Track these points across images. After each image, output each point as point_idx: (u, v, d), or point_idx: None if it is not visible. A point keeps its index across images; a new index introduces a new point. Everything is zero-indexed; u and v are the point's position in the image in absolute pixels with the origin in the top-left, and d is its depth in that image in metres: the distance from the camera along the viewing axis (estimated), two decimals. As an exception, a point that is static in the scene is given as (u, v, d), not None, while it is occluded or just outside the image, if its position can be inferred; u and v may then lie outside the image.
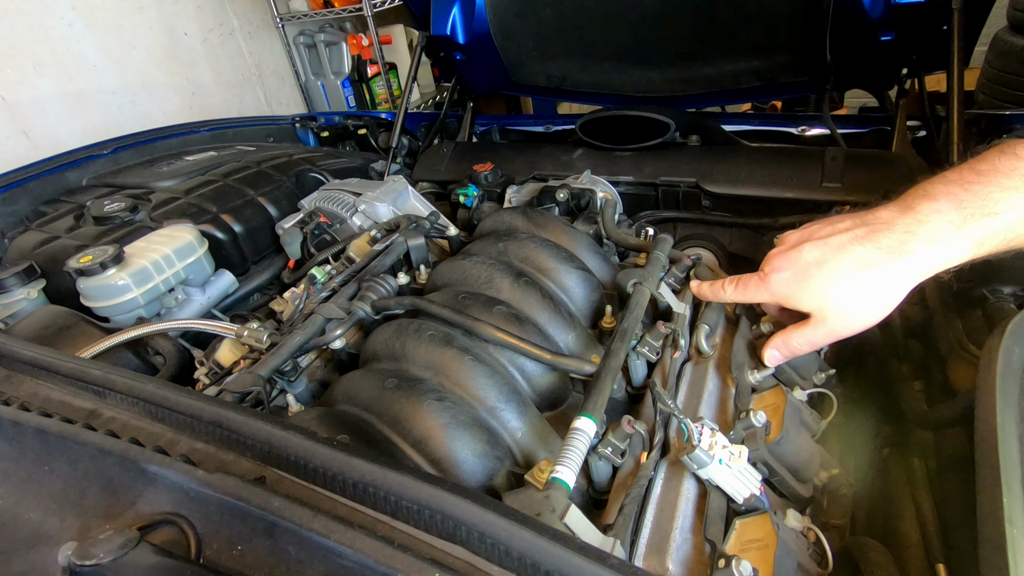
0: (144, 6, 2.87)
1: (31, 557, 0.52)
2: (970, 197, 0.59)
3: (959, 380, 0.80)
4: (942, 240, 0.60)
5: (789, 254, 0.70)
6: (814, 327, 0.69)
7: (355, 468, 0.51)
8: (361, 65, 3.68)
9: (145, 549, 0.47)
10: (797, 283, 0.68)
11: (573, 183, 1.33)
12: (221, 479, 0.51)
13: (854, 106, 3.35)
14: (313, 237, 1.31)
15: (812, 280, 0.67)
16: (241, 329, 0.92)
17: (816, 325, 0.69)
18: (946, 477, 0.70)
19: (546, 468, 0.61)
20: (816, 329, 0.69)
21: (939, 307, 0.91)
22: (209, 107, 3.24)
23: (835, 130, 1.49)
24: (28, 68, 2.45)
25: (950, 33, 1.23)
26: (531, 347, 0.80)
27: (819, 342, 0.71)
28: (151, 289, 1.12)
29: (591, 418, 0.65)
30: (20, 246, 1.29)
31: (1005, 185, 0.57)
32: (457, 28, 1.64)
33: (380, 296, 0.99)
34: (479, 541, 0.45)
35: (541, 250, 1.01)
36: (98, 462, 0.57)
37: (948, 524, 0.65)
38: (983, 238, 0.59)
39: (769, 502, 0.64)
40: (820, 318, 0.68)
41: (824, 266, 0.66)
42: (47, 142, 2.48)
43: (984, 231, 0.58)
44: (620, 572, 0.42)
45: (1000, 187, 0.58)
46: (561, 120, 1.93)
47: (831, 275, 0.65)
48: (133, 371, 0.81)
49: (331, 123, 2.14)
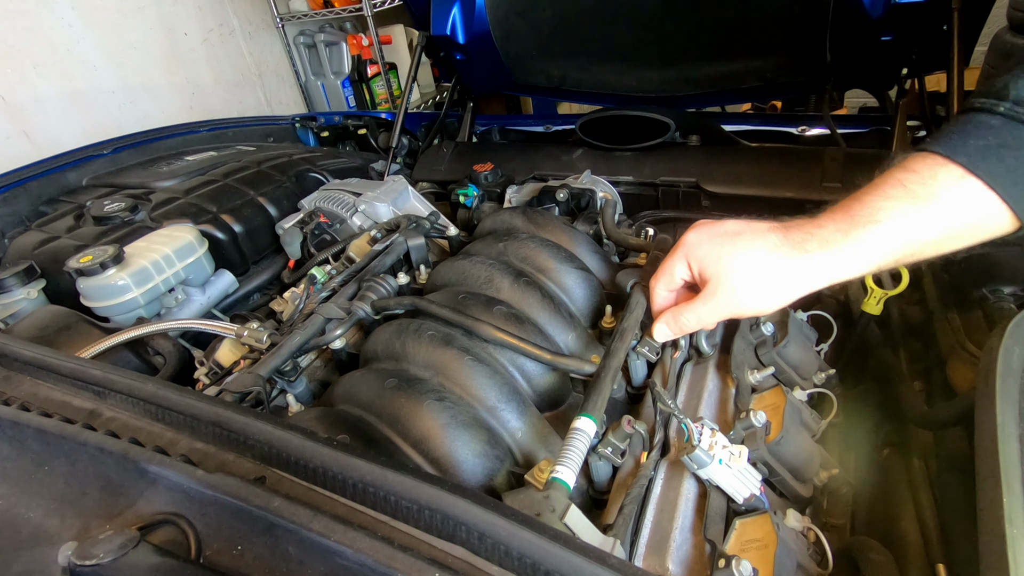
0: (144, 6, 2.87)
1: (31, 557, 0.52)
2: (858, 206, 0.63)
3: (959, 380, 0.80)
4: (832, 244, 0.63)
5: (712, 223, 0.73)
6: (704, 301, 0.71)
7: (355, 468, 0.51)
8: (361, 65, 3.67)
9: (145, 549, 0.47)
10: (710, 246, 0.70)
11: (573, 183, 1.33)
12: (221, 479, 0.51)
13: (854, 106, 3.34)
14: (313, 237, 1.31)
15: (723, 247, 0.69)
16: (241, 329, 0.92)
17: (707, 298, 0.71)
18: (946, 477, 0.70)
19: (546, 468, 0.61)
20: (706, 303, 0.71)
21: (939, 307, 0.91)
22: (209, 107, 3.24)
23: (835, 130, 1.49)
24: (28, 68, 2.45)
25: (950, 33, 1.23)
26: (531, 347, 0.80)
27: (707, 319, 0.72)
28: (151, 289, 1.12)
29: (591, 418, 0.65)
30: (20, 246, 1.29)
31: (888, 195, 0.61)
32: (457, 28, 1.64)
33: (380, 296, 0.99)
34: (479, 541, 0.45)
35: (541, 250, 1.01)
36: (98, 462, 0.57)
37: (948, 524, 0.65)
38: (870, 246, 0.62)
39: (769, 502, 0.64)
40: (713, 290, 0.70)
41: (738, 238, 0.68)
42: (47, 142, 2.47)
43: (869, 239, 0.61)
44: (620, 572, 0.42)
45: (884, 196, 0.61)
46: (561, 120, 1.94)
47: (741, 247, 0.68)
48: (133, 371, 0.81)
49: (331, 123, 2.14)
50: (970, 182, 0.58)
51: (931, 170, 0.60)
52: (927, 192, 0.59)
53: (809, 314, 1.05)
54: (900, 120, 1.41)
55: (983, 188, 0.57)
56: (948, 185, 0.59)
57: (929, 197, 0.59)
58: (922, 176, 0.60)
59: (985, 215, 0.59)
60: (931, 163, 0.60)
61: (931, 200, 0.59)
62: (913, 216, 0.60)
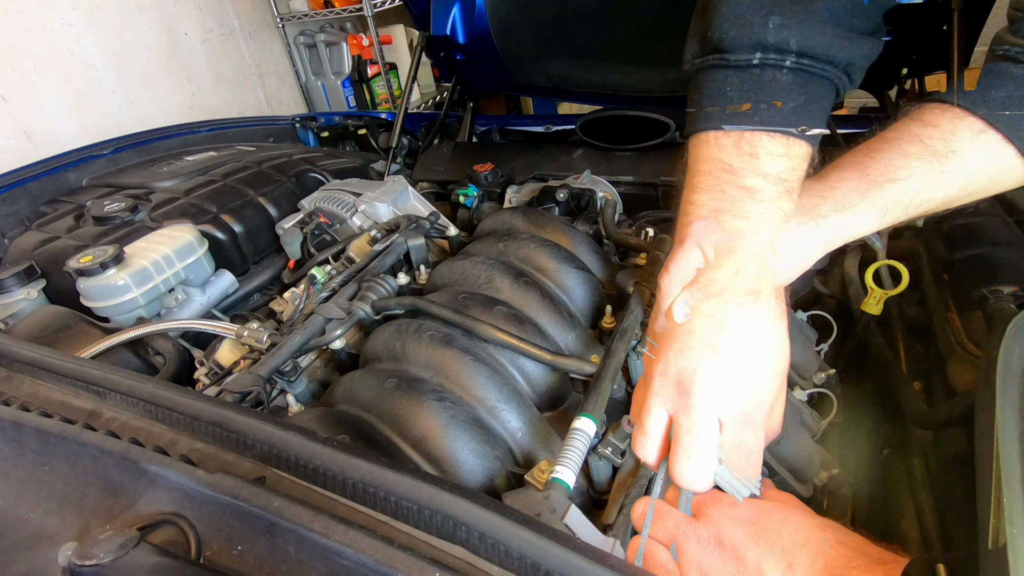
0: (144, 6, 2.87)
1: (31, 557, 0.52)
2: (874, 164, 0.60)
3: (959, 380, 0.80)
4: (848, 206, 0.60)
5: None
6: None
7: (355, 468, 0.51)
8: (361, 65, 3.67)
9: (145, 549, 0.47)
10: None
11: (573, 183, 1.33)
12: (221, 479, 0.51)
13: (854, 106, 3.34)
14: (313, 237, 1.31)
15: None
16: (241, 329, 0.92)
17: None
18: (946, 477, 0.70)
19: (546, 468, 0.61)
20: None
21: (939, 307, 0.91)
22: (209, 107, 3.24)
23: (835, 130, 1.48)
24: (28, 68, 2.44)
25: (950, 33, 1.23)
26: (531, 347, 0.80)
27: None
28: (151, 289, 1.12)
29: (591, 418, 0.65)
30: (20, 246, 1.29)
31: (907, 152, 0.58)
32: (457, 28, 1.64)
33: (380, 296, 0.99)
34: (479, 541, 0.45)
35: (541, 250, 1.01)
36: (98, 462, 0.57)
37: (948, 524, 0.65)
38: (886, 205, 0.59)
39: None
40: None
41: None
42: (47, 142, 2.47)
43: (887, 198, 0.59)
44: (620, 572, 0.42)
45: (902, 153, 0.59)
46: (561, 120, 1.93)
47: None
48: (133, 371, 0.81)
49: (331, 123, 2.13)
50: (990, 135, 0.56)
51: (951, 123, 0.58)
52: (946, 148, 0.57)
53: (809, 314, 1.05)
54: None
55: (1002, 142, 0.56)
56: (967, 140, 0.57)
57: (949, 154, 0.57)
58: (941, 131, 0.58)
59: (1003, 170, 0.57)
60: (950, 116, 0.58)
61: (951, 157, 0.57)
62: (932, 174, 0.57)
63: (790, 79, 0.56)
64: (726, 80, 0.58)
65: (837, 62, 0.57)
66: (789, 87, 0.56)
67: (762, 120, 0.56)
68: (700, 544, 0.53)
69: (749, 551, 0.51)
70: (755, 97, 0.57)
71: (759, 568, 0.50)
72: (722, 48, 0.58)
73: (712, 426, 0.57)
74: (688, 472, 0.58)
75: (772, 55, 0.56)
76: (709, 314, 0.58)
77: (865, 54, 0.58)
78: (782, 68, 0.56)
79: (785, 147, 0.57)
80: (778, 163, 0.57)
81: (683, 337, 0.59)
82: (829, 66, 0.57)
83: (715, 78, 0.59)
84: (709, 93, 0.59)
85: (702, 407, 0.57)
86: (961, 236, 0.99)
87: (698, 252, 0.60)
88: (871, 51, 0.58)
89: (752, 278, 0.57)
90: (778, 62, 0.56)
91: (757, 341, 0.58)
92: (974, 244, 0.95)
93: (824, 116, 0.58)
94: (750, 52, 0.56)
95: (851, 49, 0.56)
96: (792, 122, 0.56)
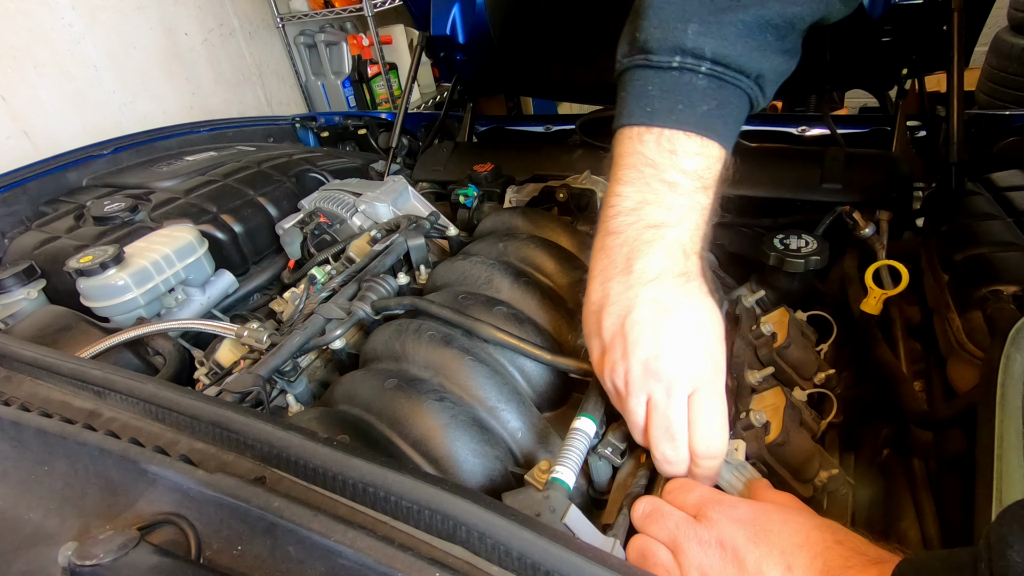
0: (144, 6, 2.87)
1: (31, 557, 0.52)
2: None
3: (959, 380, 0.80)
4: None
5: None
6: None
7: (355, 468, 0.51)
8: (361, 65, 3.67)
9: (145, 549, 0.47)
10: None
11: (573, 183, 1.33)
12: (221, 479, 0.51)
13: (854, 106, 3.35)
14: (313, 237, 1.31)
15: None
16: (241, 329, 0.92)
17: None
18: (946, 477, 0.70)
19: (546, 468, 0.61)
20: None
21: (939, 307, 0.91)
22: (209, 107, 3.24)
23: (835, 130, 1.49)
24: (28, 68, 2.45)
25: (950, 33, 1.23)
26: (531, 347, 0.80)
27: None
28: (151, 289, 1.12)
29: (591, 418, 0.65)
30: (20, 246, 1.29)
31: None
32: (457, 28, 1.64)
33: (380, 296, 0.99)
34: (479, 541, 0.45)
35: (541, 250, 1.01)
36: (98, 462, 0.57)
37: (948, 524, 0.65)
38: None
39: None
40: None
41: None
42: (47, 142, 2.48)
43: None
44: (620, 572, 0.42)
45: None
46: (561, 120, 1.93)
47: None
48: (133, 371, 0.81)
49: (331, 123, 2.13)
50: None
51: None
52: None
53: (809, 314, 1.05)
54: (900, 120, 1.41)
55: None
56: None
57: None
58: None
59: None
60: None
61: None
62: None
63: (705, 84, 0.61)
64: (649, 80, 0.63)
65: (748, 72, 0.61)
66: (704, 91, 0.61)
67: (678, 120, 0.61)
68: (701, 545, 0.53)
69: (750, 553, 0.51)
70: (673, 98, 0.61)
71: (759, 570, 0.50)
72: (647, 49, 0.62)
73: (684, 402, 0.60)
74: (669, 451, 0.61)
75: (690, 60, 0.60)
76: (651, 299, 0.60)
77: (775, 68, 0.63)
78: (698, 73, 0.60)
79: (700, 146, 0.62)
80: (694, 161, 0.62)
81: (634, 329, 0.61)
82: (741, 75, 0.61)
83: (640, 77, 0.64)
84: (634, 91, 0.64)
85: (675, 385, 0.59)
86: (961, 236, 0.99)
87: (627, 247, 0.64)
88: (782, 67, 0.64)
89: (681, 262, 0.61)
90: (695, 67, 0.60)
91: (700, 312, 0.61)
92: (974, 244, 0.95)
93: (737, 122, 0.63)
94: (670, 55, 0.61)
95: (762, 62, 0.61)
96: (705, 124, 0.61)
